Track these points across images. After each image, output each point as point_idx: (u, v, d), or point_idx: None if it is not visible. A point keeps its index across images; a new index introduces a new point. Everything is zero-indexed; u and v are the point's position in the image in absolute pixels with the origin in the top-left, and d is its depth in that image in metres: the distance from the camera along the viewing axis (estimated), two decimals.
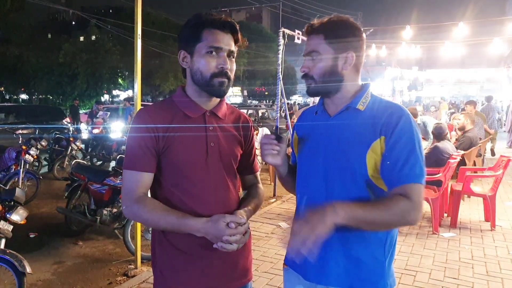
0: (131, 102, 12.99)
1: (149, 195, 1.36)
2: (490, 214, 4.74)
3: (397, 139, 1.21)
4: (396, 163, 1.20)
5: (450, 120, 8.63)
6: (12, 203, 2.87)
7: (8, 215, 2.77)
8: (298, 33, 6.84)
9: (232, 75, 1.35)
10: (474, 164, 6.42)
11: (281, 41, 6.31)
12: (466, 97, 26.89)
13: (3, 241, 2.77)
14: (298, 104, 25.90)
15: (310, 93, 1.36)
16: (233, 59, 1.35)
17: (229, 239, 1.21)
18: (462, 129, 6.37)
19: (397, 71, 24.91)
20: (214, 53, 1.30)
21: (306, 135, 1.42)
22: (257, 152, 1.55)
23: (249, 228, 1.31)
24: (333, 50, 1.27)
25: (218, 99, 1.41)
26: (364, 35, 1.32)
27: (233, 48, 1.34)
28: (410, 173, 1.19)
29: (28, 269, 2.62)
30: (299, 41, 6.98)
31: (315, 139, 1.36)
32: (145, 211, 1.27)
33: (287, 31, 6.46)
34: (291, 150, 1.55)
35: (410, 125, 1.22)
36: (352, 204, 1.18)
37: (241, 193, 1.52)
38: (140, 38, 3.28)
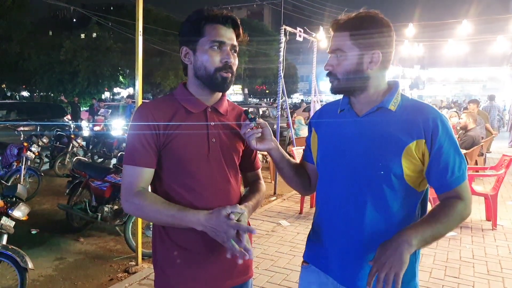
0: (133, 100, 13.02)
1: (149, 190, 1.36)
2: (491, 213, 4.73)
3: (441, 144, 1.20)
4: (446, 169, 1.21)
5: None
6: (14, 199, 2.88)
7: (10, 211, 2.78)
8: (300, 31, 6.83)
9: (235, 70, 1.34)
10: (476, 163, 6.41)
11: (283, 39, 6.30)
12: (468, 96, 26.86)
13: (5, 237, 2.78)
14: (304, 101, 25.80)
15: (334, 91, 1.31)
16: (236, 54, 1.35)
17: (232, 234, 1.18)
18: (464, 128, 6.36)
19: (399, 69, 24.86)
20: (217, 47, 1.29)
21: (328, 133, 1.36)
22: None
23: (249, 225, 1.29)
24: (359, 48, 1.22)
25: (220, 95, 1.40)
26: (393, 32, 1.26)
27: (235, 42, 1.34)
28: (459, 174, 1.22)
29: (30, 265, 2.63)
30: (300, 39, 6.97)
31: (342, 140, 1.30)
32: (145, 205, 1.26)
33: (288, 28, 6.45)
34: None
35: (447, 125, 1.22)
36: (419, 227, 1.18)
37: (243, 190, 1.52)
38: (141, 35, 3.28)
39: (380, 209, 1.23)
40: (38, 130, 7.99)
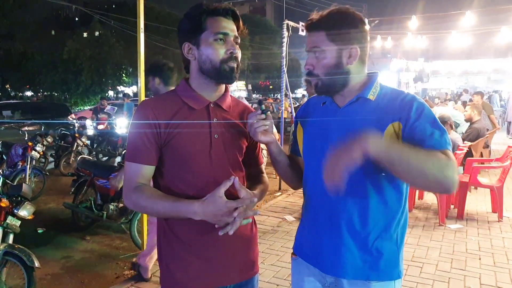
0: (130, 99, 13.10)
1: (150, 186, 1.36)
2: (497, 205, 4.71)
3: (415, 119, 1.18)
4: (423, 138, 1.16)
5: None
6: (20, 198, 2.89)
7: (16, 211, 2.79)
8: (302, 25, 6.78)
9: (239, 61, 1.34)
10: (481, 155, 6.37)
11: (285, 34, 6.27)
12: (473, 88, 26.60)
13: (12, 236, 2.79)
14: (305, 96, 25.70)
15: (319, 91, 1.34)
16: (238, 46, 1.35)
17: (234, 214, 1.18)
18: (469, 120, 6.31)
19: (403, 62, 24.65)
20: (221, 39, 1.29)
21: (312, 126, 1.40)
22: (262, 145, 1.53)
23: (253, 203, 1.26)
24: (336, 45, 1.25)
25: (223, 91, 1.40)
26: (367, 25, 1.29)
27: (237, 34, 1.34)
28: (441, 140, 1.15)
29: (37, 264, 2.65)
30: (303, 33, 6.92)
31: (324, 132, 1.34)
32: (143, 198, 1.27)
33: (291, 23, 6.42)
34: None
35: (423, 105, 1.21)
36: (407, 147, 1.11)
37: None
38: (143, 32, 3.27)
39: (361, 197, 1.25)
40: (42, 129, 8.02)
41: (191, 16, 1.32)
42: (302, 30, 6.85)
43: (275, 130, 4.75)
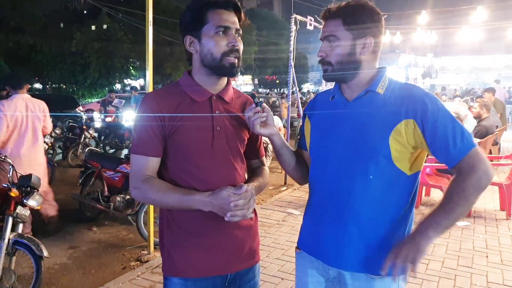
0: (138, 91, 13.16)
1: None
2: (506, 203, 4.66)
3: (434, 119, 1.19)
4: (447, 141, 1.19)
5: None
6: (29, 189, 2.92)
7: (25, 201, 2.82)
8: (310, 19, 6.73)
9: (241, 54, 1.34)
10: (490, 152, 6.30)
11: (293, 28, 6.23)
12: (483, 85, 26.25)
13: (21, 225, 2.83)
14: (310, 92, 25.60)
15: (327, 78, 1.34)
16: (240, 38, 1.34)
17: (236, 203, 1.21)
18: (477, 117, 6.23)
19: (411, 58, 24.41)
20: (222, 33, 1.29)
21: (321, 121, 1.40)
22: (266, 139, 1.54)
23: (254, 196, 1.30)
24: (352, 35, 1.26)
25: (225, 83, 1.40)
26: (383, 20, 1.31)
27: (239, 26, 1.34)
28: (464, 143, 1.19)
29: (45, 253, 2.69)
30: (311, 28, 6.87)
31: (332, 125, 1.34)
32: (152, 191, 1.29)
33: (299, 17, 6.37)
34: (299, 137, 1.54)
35: (436, 101, 1.22)
36: (436, 217, 1.20)
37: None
38: (151, 25, 3.26)
39: (369, 191, 1.26)
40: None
41: (192, 9, 1.32)
42: (310, 25, 6.80)
43: (280, 124, 4.75)
